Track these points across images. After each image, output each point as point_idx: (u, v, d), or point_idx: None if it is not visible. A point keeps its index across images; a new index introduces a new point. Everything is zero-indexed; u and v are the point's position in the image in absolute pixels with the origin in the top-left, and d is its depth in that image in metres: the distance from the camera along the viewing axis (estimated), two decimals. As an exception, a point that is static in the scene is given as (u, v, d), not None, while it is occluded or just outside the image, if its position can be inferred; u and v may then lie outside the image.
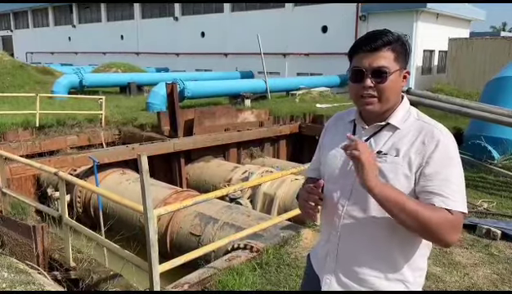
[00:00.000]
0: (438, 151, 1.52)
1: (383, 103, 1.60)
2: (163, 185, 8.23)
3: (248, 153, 11.27)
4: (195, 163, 10.26)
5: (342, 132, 1.75)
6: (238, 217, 6.57)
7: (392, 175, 1.56)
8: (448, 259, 3.89)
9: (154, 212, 3.16)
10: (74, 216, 8.78)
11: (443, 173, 1.51)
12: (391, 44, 1.57)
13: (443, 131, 1.57)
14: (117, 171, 8.92)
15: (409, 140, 1.58)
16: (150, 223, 3.04)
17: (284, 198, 8.39)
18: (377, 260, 1.63)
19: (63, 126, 10.61)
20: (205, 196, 3.97)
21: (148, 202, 3.01)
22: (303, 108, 13.30)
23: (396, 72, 1.58)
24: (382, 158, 1.59)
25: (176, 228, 6.94)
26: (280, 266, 3.95)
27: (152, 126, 11.07)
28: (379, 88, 1.58)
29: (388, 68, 1.56)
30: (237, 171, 9.49)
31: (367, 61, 1.58)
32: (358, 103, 1.67)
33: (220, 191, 4.04)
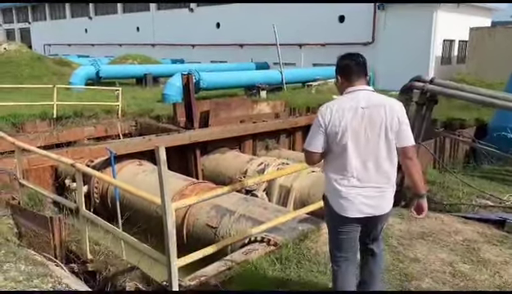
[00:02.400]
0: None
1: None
2: (180, 177, 8.21)
3: (263, 144, 11.17)
4: (210, 155, 10.21)
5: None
6: (255, 210, 6.50)
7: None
8: (477, 256, 3.75)
9: (173, 206, 3.09)
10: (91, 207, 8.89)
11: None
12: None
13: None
14: (133, 162, 8.93)
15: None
16: (168, 216, 2.99)
17: (300, 190, 8.29)
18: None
19: (80, 118, 10.68)
20: (225, 189, 3.89)
21: (166, 197, 2.95)
22: (319, 99, 13.10)
23: (336, 80, 2.95)
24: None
25: (192, 219, 6.91)
26: (300, 261, 3.86)
27: (168, 117, 11.06)
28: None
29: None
30: (253, 162, 9.41)
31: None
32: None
33: (239, 183, 3.96)
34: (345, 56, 2.86)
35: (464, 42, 20.05)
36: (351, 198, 2.68)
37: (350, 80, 2.78)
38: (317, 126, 2.74)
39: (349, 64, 2.81)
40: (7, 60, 16.03)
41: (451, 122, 10.26)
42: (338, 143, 2.67)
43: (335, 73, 2.90)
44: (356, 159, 2.66)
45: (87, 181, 8.96)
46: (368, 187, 2.68)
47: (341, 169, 2.71)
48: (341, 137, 2.65)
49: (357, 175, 2.67)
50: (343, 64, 2.83)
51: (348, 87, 2.77)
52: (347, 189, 2.68)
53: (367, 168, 2.68)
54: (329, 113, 2.68)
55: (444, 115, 10.25)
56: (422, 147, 5.34)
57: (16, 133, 9.27)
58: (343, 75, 2.83)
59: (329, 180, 2.83)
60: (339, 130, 2.65)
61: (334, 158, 2.76)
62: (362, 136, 2.66)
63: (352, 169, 2.67)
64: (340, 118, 2.65)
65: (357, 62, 2.81)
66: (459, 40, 20.54)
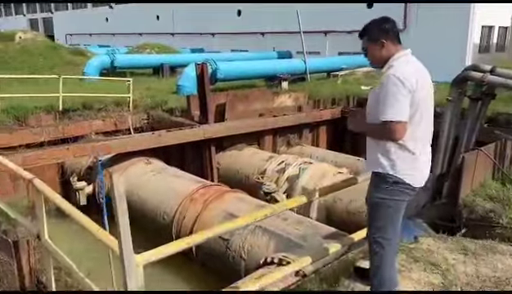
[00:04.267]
0: (383, 84, 2.59)
1: (371, 63, 2.88)
2: (190, 178, 7.42)
3: (284, 140, 10.26)
4: (226, 151, 9.39)
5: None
6: (272, 220, 5.62)
7: (370, 101, 2.78)
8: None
9: (138, 260, 2.22)
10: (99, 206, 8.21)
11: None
12: (363, 34, 2.80)
13: (390, 72, 2.60)
14: (142, 160, 8.20)
15: (381, 79, 2.64)
16: (131, 277, 2.08)
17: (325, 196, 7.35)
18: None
19: (89, 110, 10.01)
20: (247, 219, 2.96)
21: (125, 252, 2.07)
22: (345, 90, 12.09)
23: (369, 46, 2.78)
24: (371, 92, 2.84)
25: (202, 229, 6.09)
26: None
27: (182, 110, 10.29)
28: (366, 57, 2.85)
29: (364, 47, 2.82)
30: (272, 161, 8.53)
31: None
32: None
33: (270, 209, 3.13)
34: (386, 18, 2.76)
35: (505, 29, 18.46)
36: (421, 167, 2.73)
37: (398, 43, 2.72)
38: (405, 92, 2.54)
39: (394, 26, 2.75)
40: (22, 49, 15.60)
41: (496, 117, 9.07)
42: (418, 110, 2.61)
43: (376, 38, 2.73)
44: (424, 127, 2.70)
45: (93, 180, 8.30)
46: (426, 156, 2.79)
47: (414, 138, 2.65)
48: (422, 104, 2.62)
49: (422, 145, 2.71)
50: (391, 26, 2.73)
51: (398, 51, 2.70)
52: (419, 157, 2.69)
53: (426, 138, 2.76)
54: (413, 77, 2.56)
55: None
56: (481, 153, 4.33)
57: (19, 127, 8.67)
58: (389, 38, 2.70)
59: (401, 149, 2.67)
60: (422, 96, 2.60)
61: (408, 127, 2.63)
62: (429, 104, 2.71)
63: (422, 138, 2.71)
64: (422, 83, 2.60)
65: (395, 24, 2.79)
66: (499, 26, 18.94)
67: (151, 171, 7.72)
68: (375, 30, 2.73)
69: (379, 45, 2.70)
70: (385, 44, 2.69)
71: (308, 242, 5.08)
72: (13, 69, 13.46)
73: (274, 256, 4.55)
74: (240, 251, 5.53)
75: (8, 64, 14.21)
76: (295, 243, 5.12)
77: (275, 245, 5.26)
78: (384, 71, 2.68)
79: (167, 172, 7.67)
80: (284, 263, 4.45)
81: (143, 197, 7.26)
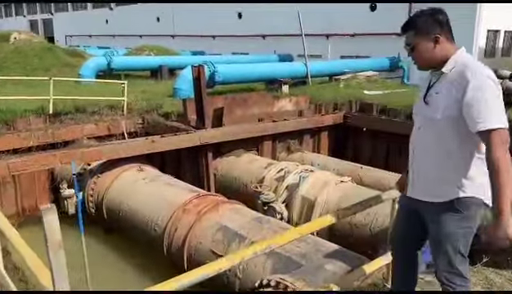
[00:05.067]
0: (470, 86, 2.14)
1: (418, 64, 2.42)
2: (184, 186, 7.02)
3: (284, 146, 9.87)
4: (224, 157, 8.99)
5: (426, 82, 2.47)
6: (270, 236, 5.22)
7: (438, 107, 2.30)
8: None
9: None
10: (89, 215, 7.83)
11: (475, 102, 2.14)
12: (409, 28, 2.36)
13: (474, 72, 2.16)
14: (134, 166, 7.81)
15: (451, 81, 2.25)
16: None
17: (326, 205, 6.97)
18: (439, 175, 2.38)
19: (82, 114, 9.61)
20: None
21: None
22: (348, 94, 11.69)
23: (419, 42, 2.33)
24: (432, 96, 2.36)
25: (194, 242, 5.71)
26: None
27: (178, 114, 9.89)
28: (412, 57, 2.42)
29: (410, 44, 2.37)
30: (271, 168, 8.13)
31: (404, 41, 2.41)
32: None
33: (295, 232, 2.72)
34: (438, 9, 2.33)
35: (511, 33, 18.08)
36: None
37: (452, 39, 2.34)
38: (498, 95, 2.17)
39: (448, 19, 2.33)
40: (17, 50, 15.23)
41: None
42: None
43: (428, 31, 2.30)
44: None
45: (83, 187, 7.90)
46: None
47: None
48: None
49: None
50: (445, 18, 2.31)
51: (455, 49, 2.32)
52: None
53: None
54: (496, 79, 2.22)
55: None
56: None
57: (7, 131, 8.28)
58: (444, 32, 2.31)
59: (482, 166, 2.24)
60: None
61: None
62: None
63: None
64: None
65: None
66: (505, 30, 18.56)
67: (143, 179, 7.33)
68: (428, 22, 2.29)
69: (431, 40, 2.29)
70: (440, 40, 2.28)
71: (308, 262, 4.67)
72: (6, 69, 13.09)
73: (270, 279, 4.15)
74: (235, 268, 5.12)
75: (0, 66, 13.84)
76: (294, 262, 4.72)
77: (272, 264, 4.86)
78: (449, 72, 2.29)
79: (160, 180, 7.28)
80: (280, 287, 4.05)
81: (134, 206, 6.87)
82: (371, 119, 10.34)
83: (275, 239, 2.52)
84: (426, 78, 2.56)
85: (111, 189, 7.42)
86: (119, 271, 6.83)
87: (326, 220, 2.86)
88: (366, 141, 10.36)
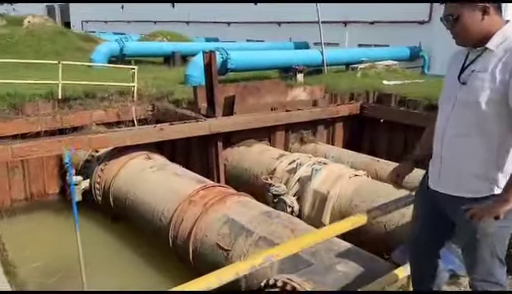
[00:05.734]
0: None
1: (460, 39, 2.11)
2: (191, 177, 6.79)
3: (297, 137, 9.55)
4: (234, 147, 8.73)
5: (459, 60, 2.17)
6: (279, 231, 4.97)
7: (479, 88, 1.99)
8: None
9: None
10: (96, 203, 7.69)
11: None
12: None
13: None
14: (142, 155, 7.60)
15: (498, 59, 1.96)
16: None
17: (340, 199, 6.66)
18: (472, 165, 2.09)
19: (91, 99, 9.44)
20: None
21: None
22: (365, 84, 11.27)
23: (464, 13, 2.00)
24: (471, 75, 2.05)
25: (200, 235, 5.49)
26: None
27: (189, 102, 9.65)
28: (452, 31, 2.10)
29: (453, 14, 2.04)
30: (283, 160, 7.85)
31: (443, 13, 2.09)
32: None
33: (322, 233, 2.48)
34: None
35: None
36: None
37: (501, 10, 2.05)
38: None
39: None
40: (29, 34, 15.11)
41: None
42: None
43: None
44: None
45: (89, 175, 7.76)
46: None
47: None
48: None
49: None
50: None
51: (504, 22, 2.05)
52: None
53: None
54: None
55: None
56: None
57: (15, 116, 8.16)
58: (493, 4, 2.02)
59: None
60: None
61: None
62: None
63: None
64: None
65: None
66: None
67: (151, 168, 7.12)
68: None
69: (479, 11, 2.00)
70: (489, 10, 2.00)
71: (318, 261, 4.40)
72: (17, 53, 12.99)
73: (277, 279, 3.90)
74: (241, 264, 4.88)
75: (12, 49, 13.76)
76: (303, 261, 4.45)
77: (280, 262, 4.58)
78: (495, 48, 2.01)
79: (167, 169, 7.06)
80: (287, 288, 3.80)
81: (140, 196, 6.68)
82: (389, 110, 9.93)
83: (305, 238, 2.26)
84: (457, 54, 2.24)
85: (118, 177, 7.24)
86: (124, 260, 6.69)
87: (358, 220, 2.59)
88: (383, 133, 9.96)
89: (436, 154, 2.30)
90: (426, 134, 2.65)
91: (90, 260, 6.53)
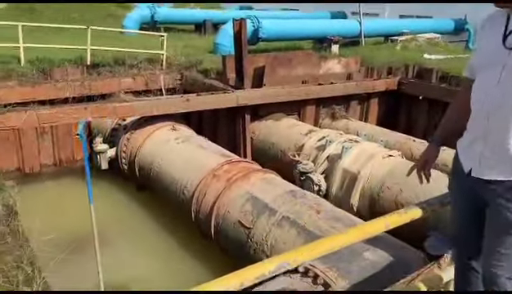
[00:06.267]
0: None
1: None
2: (216, 150, 6.58)
3: (329, 112, 9.13)
4: (262, 121, 8.45)
5: (499, 23, 1.87)
6: (303, 212, 4.72)
7: None
8: None
9: None
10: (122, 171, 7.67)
11: None
12: None
13: None
14: (168, 125, 7.46)
15: None
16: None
17: (370, 180, 6.30)
18: None
19: (120, 66, 9.32)
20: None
21: None
22: (405, 58, 10.61)
23: None
24: None
25: (222, 211, 5.32)
26: None
27: (217, 72, 9.38)
28: None
29: None
30: (312, 136, 7.51)
31: None
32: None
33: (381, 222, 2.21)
34: None
35: None
36: None
37: None
38: None
39: None
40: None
41: None
42: None
43: None
44: None
45: (116, 143, 7.71)
46: None
47: None
48: None
49: None
50: None
51: None
52: None
53: None
54: None
55: None
56: None
57: (43, 81, 8.15)
58: None
59: None
60: None
61: None
62: None
63: None
64: None
65: None
66: None
67: (176, 139, 6.97)
68: None
69: None
70: None
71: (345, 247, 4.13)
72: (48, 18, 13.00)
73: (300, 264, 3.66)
74: (263, 244, 4.69)
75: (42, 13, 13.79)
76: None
77: (303, 244, 4.36)
78: None
79: (192, 142, 6.89)
80: (310, 274, 3.57)
81: (164, 167, 6.56)
82: (430, 87, 9.29)
83: (347, 234, 1.99)
84: (494, 17, 1.92)
85: (143, 148, 7.15)
86: (146, 229, 6.68)
87: (415, 213, 2.29)
88: (422, 111, 9.38)
89: (476, 133, 2.01)
90: (450, 111, 2.45)
91: (112, 228, 6.59)
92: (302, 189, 5.38)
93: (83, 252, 4.85)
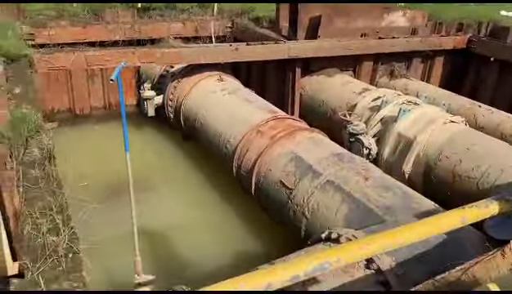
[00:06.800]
0: None
1: None
2: (262, 104, 6.29)
3: (387, 70, 8.46)
4: (314, 76, 7.99)
5: None
6: (350, 177, 4.40)
7: None
8: None
9: None
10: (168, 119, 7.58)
11: None
12: None
13: None
14: (215, 75, 7.22)
15: None
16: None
17: (426, 148, 5.80)
18: None
19: (172, 10, 9.07)
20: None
21: None
22: (478, 14, 9.49)
23: None
24: None
25: (264, 169, 5.11)
26: None
27: (270, 20, 8.89)
28: None
29: None
30: (366, 95, 7.01)
31: None
32: None
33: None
34: None
35: None
36: None
37: None
38: None
39: None
40: None
41: None
42: None
43: None
44: None
45: (163, 90, 7.62)
46: None
47: None
48: None
49: None
50: None
51: None
52: None
53: None
54: None
55: None
56: None
57: (94, 22, 8.09)
58: None
59: None
60: None
61: None
62: None
63: None
64: None
65: None
66: None
67: (222, 90, 6.73)
68: None
69: None
70: None
71: (393, 219, 3.80)
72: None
73: (341, 233, 3.40)
74: (304, 206, 4.47)
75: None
76: (374, 216, 3.89)
77: (347, 212, 4.08)
78: None
79: (238, 94, 6.62)
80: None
81: (208, 118, 6.40)
82: (504, 48, 8.28)
83: (413, 228, 1.69)
84: None
85: (189, 97, 7.00)
86: (190, 179, 6.68)
87: (498, 206, 1.93)
88: (492, 75, 8.44)
89: None
90: None
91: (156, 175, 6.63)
92: (350, 153, 5.02)
93: (118, 200, 4.86)
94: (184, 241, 5.00)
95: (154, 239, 4.90)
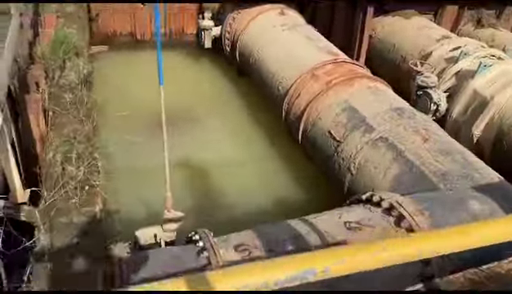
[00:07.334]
0: None
1: None
2: (323, 45, 5.78)
3: (473, 16, 7.41)
4: (388, 16, 7.20)
5: None
6: (407, 136, 3.96)
7: None
8: None
9: None
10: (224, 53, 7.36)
11: None
12: None
13: None
14: (276, 9, 6.75)
15: None
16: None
17: (504, 110, 5.09)
18: None
19: None
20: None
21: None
22: None
23: None
24: None
25: (313, 117, 4.78)
26: None
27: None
28: None
29: None
30: (445, 43, 6.23)
31: None
32: None
33: None
34: None
35: None
36: None
37: None
38: None
39: None
40: None
41: None
42: None
43: None
44: None
45: (221, 21, 7.30)
46: None
47: None
48: None
49: None
50: None
51: None
52: None
53: None
54: None
55: None
56: None
57: None
58: None
59: None
60: None
61: None
62: None
63: None
64: None
65: None
66: None
67: (282, 26, 6.28)
68: None
69: None
70: None
71: (448, 187, 3.39)
72: None
73: (384, 198, 3.09)
74: (350, 162, 4.14)
75: None
76: (427, 181, 3.49)
77: (397, 173, 3.71)
78: None
79: (298, 31, 6.14)
80: (394, 213, 2.99)
81: (263, 56, 6.05)
82: None
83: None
84: None
85: (246, 31, 6.64)
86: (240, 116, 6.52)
87: None
88: None
89: None
90: None
91: (205, 108, 6.53)
92: (412, 108, 4.50)
93: (160, 133, 4.81)
94: (222, 180, 4.93)
95: (192, 174, 4.86)
